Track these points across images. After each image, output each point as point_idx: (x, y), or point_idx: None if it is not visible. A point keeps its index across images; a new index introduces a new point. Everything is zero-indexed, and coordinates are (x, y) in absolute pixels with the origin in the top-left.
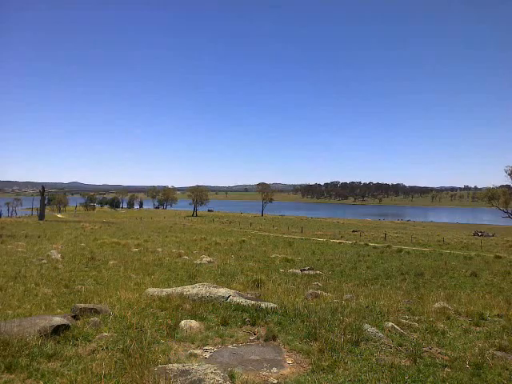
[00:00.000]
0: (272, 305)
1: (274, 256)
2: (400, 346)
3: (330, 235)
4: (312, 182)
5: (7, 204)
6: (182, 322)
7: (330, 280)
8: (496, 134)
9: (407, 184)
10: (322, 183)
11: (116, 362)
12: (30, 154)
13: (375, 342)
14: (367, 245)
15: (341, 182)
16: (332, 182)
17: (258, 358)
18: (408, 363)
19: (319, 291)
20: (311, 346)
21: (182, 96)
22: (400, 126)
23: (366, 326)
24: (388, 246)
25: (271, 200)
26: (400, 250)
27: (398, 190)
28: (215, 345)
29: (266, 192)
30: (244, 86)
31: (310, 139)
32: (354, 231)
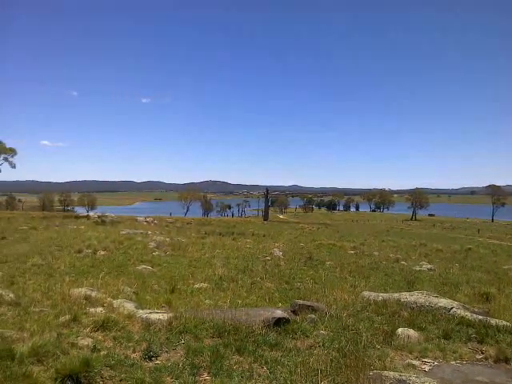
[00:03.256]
0: (504, 323)
1: (507, 267)
2: None
3: None
4: None
5: (238, 205)
6: (399, 329)
7: None
8: None
9: None
10: None
11: (332, 360)
12: (255, 159)
13: None
14: None
15: None
16: None
17: (485, 380)
18: None
19: None
20: None
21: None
22: None
23: None
24: None
25: (503, 204)
26: None
27: None
28: (435, 358)
29: (496, 195)
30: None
31: None
32: None
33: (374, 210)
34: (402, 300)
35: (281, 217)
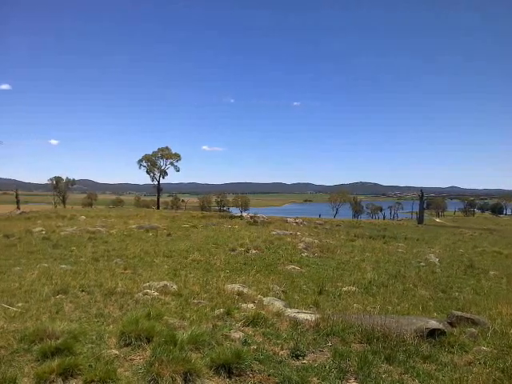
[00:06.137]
0: None
1: None
2: None
3: None
4: None
5: (389, 207)
6: None
7: None
8: None
9: None
10: None
11: (494, 380)
12: (408, 159)
13: None
14: None
15: None
16: None
17: None
18: None
19: None
20: None
21: None
22: None
23: None
24: None
25: None
26: None
27: None
28: None
29: None
30: None
31: None
32: None
33: None
34: None
35: (437, 220)
